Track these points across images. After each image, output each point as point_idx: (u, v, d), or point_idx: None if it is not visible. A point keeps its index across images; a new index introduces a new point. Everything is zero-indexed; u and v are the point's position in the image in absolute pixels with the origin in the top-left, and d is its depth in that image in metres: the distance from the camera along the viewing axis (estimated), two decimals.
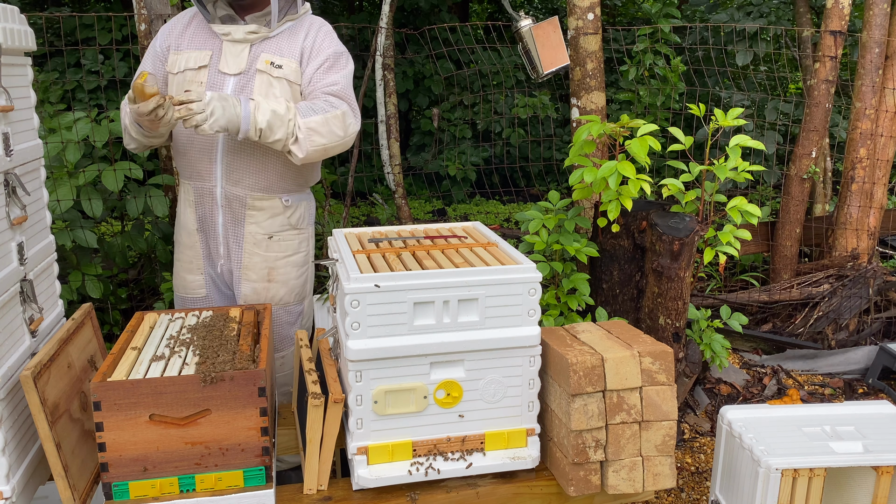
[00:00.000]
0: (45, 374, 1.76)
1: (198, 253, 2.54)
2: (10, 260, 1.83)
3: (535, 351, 1.93)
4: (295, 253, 2.56)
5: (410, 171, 7.54)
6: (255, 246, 2.48)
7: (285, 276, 2.54)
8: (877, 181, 4.24)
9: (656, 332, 2.92)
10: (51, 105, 3.93)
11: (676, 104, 5.46)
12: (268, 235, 2.48)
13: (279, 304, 2.55)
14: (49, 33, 6.55)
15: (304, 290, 2.64)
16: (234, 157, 2.40)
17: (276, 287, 2.53)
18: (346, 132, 2.34)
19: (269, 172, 2.43)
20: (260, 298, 2.53)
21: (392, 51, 4.46)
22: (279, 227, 2.50)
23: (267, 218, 2.47)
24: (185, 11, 2.50)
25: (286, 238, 2.52)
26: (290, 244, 2.54)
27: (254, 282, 2.50)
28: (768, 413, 2.22)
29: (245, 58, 2.35)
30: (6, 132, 1.83)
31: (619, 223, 2.91)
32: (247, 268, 2.49)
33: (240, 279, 2.51)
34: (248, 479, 1.80)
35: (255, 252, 2.49)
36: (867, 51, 4.12)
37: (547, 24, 3.59)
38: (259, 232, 2.48)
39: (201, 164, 2.42)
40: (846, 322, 4.00)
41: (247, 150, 2.40)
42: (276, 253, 2.51)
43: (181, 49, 2.40)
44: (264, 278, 2.51)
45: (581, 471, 1.88)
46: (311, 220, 2.65)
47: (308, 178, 2.58)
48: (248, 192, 2.43)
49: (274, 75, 2.34)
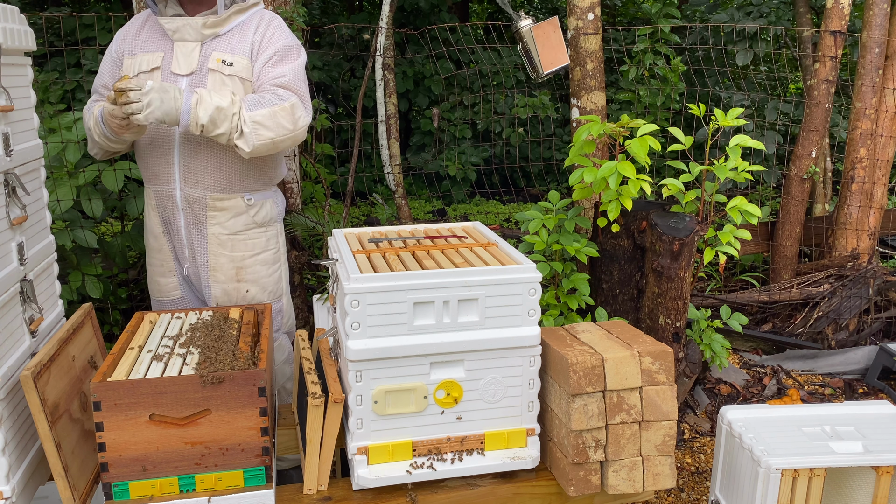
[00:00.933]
0: (45, 374, 1.76)
1: (167, 255, 2.53)
2: (10, 260, 1.83)
3: (535, 351, 1.93)
4: (263, 251, 2.52)
5: (410, 171, 7.53)
6: (220, 247, 2.46)
7: (255, 275, 2.51)
8: (877, 181, 4.24)
9: (656, 332, 2.92)
10: (51, 105, 3.93)
11: (676, 104, 5.46)
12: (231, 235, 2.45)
13: (251, 302, 2.52)
14: (49, 33, 6.55)
15: (279, 288, 2.61)
16: (191, 159, 2.37)
17: (246, 286, 2.50)
18: (296, 125, 2.29)
19: (227, 171, 2.40)
20: (231, 299, 2.50)
21: (392, 51, 4.46)
22: (243, 227, 2.47)
23: (229, 218, 2.44)
24: (139, 15, 2.48)
25: (252, 237, 2.49)
26: (258, 242, 2.50)
27: (223, 283, 2.48)
28: (768, 413, 2.22)
29: (196, 57, 2.34)
30: (6, 132, 1.83)
31: (619, 223, 2.91)
32: (214, 269, 2.47)
33: (209, 282, 2.48)
34: (248, 479, 1.80)
35: (221, 253, 2.46)
36: (867, 51, 4.12)
37: (547, 24, 3.58)
38: (222, 232, 2.45)
39: (159, 166, 2.41)
40: (846, 322, 4.00)
41: (203, 150, 2.37)
42: (243, 252, 2.48)
43: (135, 53, 2.39)
44: (233, 278, 2.48)
45: (581, 471, 1.88)
46: (280, 217, 2.61)
47: (272, 176, 2.55)
48: (208, 193, 2.41)
49: (226, 73, 2.32)
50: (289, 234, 3.69)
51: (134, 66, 2.37)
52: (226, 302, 2.50)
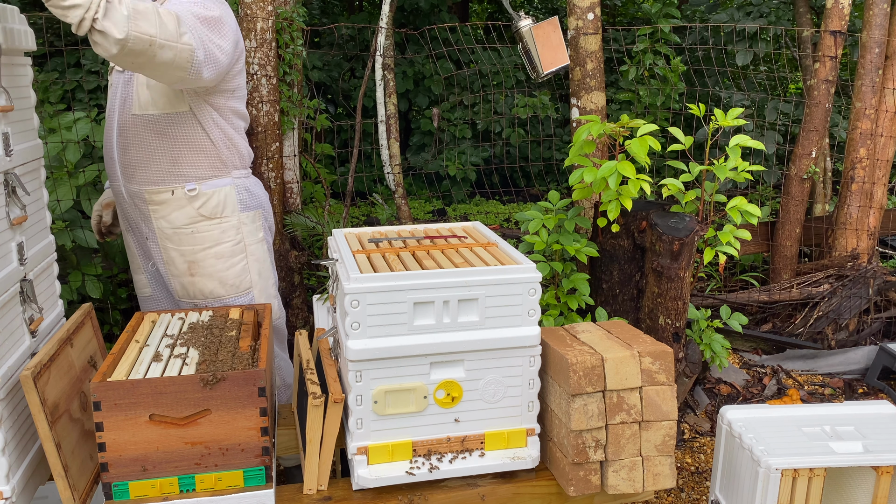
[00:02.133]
0: (45, 374, 1.75)
1: (134, 253, 2.54)
2: (10, 260, 1.83)
3: (535, 351, 1.93)
4: (216, 244, 2.38)
5: (410, 171, 7.53)
6: (168, 241, 2.38)
7: (210, 269, 2.39)
8: (877, 181, 4.24)
9: (656, 332, 2.92)
10: (51, 105, 3.93)
11: (676, 104, 5.46)
12: (176, 229, 2.36)
13: (211, 297, 2.42)
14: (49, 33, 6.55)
15: (243, 282, 2.46)
16: (125, 153, 2.33)
17: (202, 281, 2.39)
18: (180, 37, 1.93)
19: (159, 163, 2.30)
20: (189, 294, 2.42)
21: (392, 51, 4.46)
22: (188, 220, 2.34)
23: (171, 211, 2.34)
24: None
25: (201, 230, 2.36)
26: (208, 235, 2.37)
27: (178, 276, 2.41)
28: (768, 413, 2.22)
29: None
30: (6, 132, 1.83)
31: (619, 223, 2.91)
32: (168, 263, 2.40)
33: (167, 275, 2.45)
34: (248, 479, 1.80)
35: (169, 247, 2.38)
36: (867, 51, 4.12)
37: (547, 24, 3.58)
38: (167, 227, 2.36)
39: (108, 164, 2.42)
40: (846, 322, 4.00)
41: (133, 141, 2.29)
42: (192, 246, 2.36)
43: None
44: (186, 272, 2.39)
45: (581, 471, 1.88)
46: (241, 207, 2.44)
47: (225, 160, 2.39)
48: (143, 187, 2.33)
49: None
50: (289, 234, 3.69)
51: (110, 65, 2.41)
52: (184, 296, 2.42)
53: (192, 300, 2.44)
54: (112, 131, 2.38)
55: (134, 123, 2.28)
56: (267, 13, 3.36)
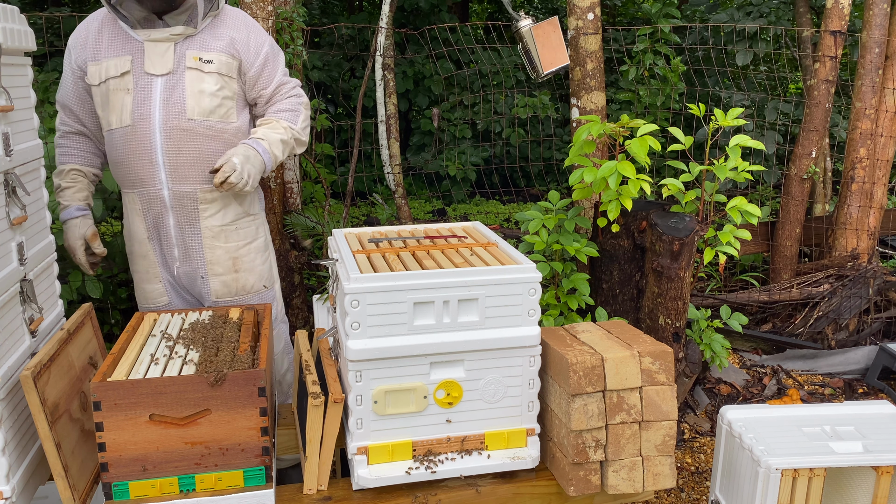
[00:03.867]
0: (45, 374, 1.76)
1: (152, 262, 2.51)
2: (10, 260, 1.83)
3: (535, 351, 1.93)
4: (254, 239, 2.56)
5: (410, 171, 7.53)
6: (215, 239, 2.47)
7: (251, 264, 2.54)
8: (877, 181, 4.24)
9: (656, 332, 2.92)
10: (51, 105, 3.92)
11: (676, 104, 5.46)
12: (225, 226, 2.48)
13: (251, 292, 2.56)
14: (49, 33, 6.55)
15: (272, 275, 2.66)
16: (175, 156, 2.36)
17: (244, 276, 2.53)
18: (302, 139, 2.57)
19: (213, 163, 2.39)
20: (230, 291, 2.52)
21: (392, 51, 4.46)
22: (234, 217, 2.50)
23: (220, 209, 2.46)
24: (89, 20, 2.44)
25: (243, 226, 2.52)
26: (249, 231, 2.54)
27: (221, 275, 2.50)
28: (768, 413, 2.22)
29: (171, 57, 2.34)
30: (6, 132, 1.83)
31: (619, 223, 2.91)
32: (211, 263, 2.48)
33: (207, 276, 2.49)
34: (248, 479, 1.80)
35: (216, 245, 2.47)
36: (867, 51, 4.12)
37: (547, 24, 3.59)
38: (216, 224, 2.46)
39: (143, 170, 2.39)
40: (846, 322, 4.00)
41: (186, 145, 2.37)
42: (237, 242, 2.51)
43: (99, 59, 2.36)
44: (231, 269, 2.50)
45: (581, 471, 1.88)
46: (263, 205, 2.68)
47: None
48: (197, 187, 2.41)
49: (205, 70, 2.34)
50: (289, 234, 3.69)
51: (100, 73, 2.35)
52: (225, 294, 2.51)
53: (234, 297, 2.54)
54: (152, 136, 2.35)
55: (189, 128, 2.35)
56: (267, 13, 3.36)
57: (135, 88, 2.33)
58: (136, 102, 2.33)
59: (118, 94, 2.34)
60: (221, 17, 2.43)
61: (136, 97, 2.33)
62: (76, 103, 2.45)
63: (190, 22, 2.35)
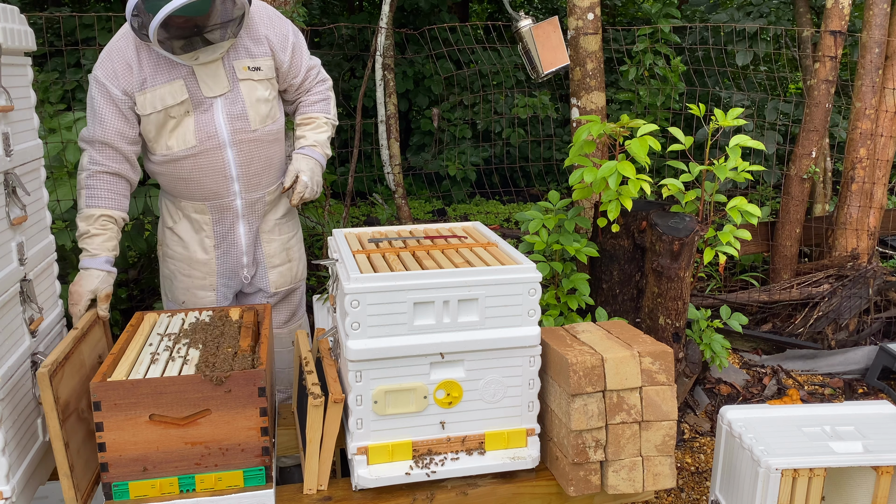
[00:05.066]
0: (60, 373, 1.76)
1: (213, 269, 2.51)
2: (10, 260, 1.83)
3: (535, 351, 1.93)
4: (298, 230, 2.70)
5: (410, 171, 7.53)
6: (270, 233, 2.57)
7: (299, 253, 2.69)
8: (877, 181, 4.24)
9: (656, 332, 2.92)
10: (51, 105, 3.92)
11: (676, 104, 5.46)
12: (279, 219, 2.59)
13: (299, 279, 2.69)
14: (49, 33, 6.55)
15: (307, 266, 2.81)
16: (248, 167, 2.42)
17: (296, 265, 2.67)
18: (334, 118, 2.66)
19: (278, 164, 2.54)
20: (286, 280, 2.63)
21: (392, 51, 4.46)
22: (285, 210, 2.61)
23: (277, 205, 2.60)
24: (120, 47, 2.26)
25: (291, 218, 2.65)
26: (294, 223, 2.68)
27: (278, 266, 2.60)
28: (768, 413, 2.22)
29: (223, 74, 2.31)
30: (6, 132, 1.83)
31: (619, 223, 2.91)
32: (269, 256, 2.58)
33: (266, 270, 2.58)
34: (248, 479, 1.80)
35: (272, 238, 2.57)
36: (867, 51, 4.12)
37: (547, 24, 3.59)
38: (273, 219, 2.57)
39: (216, 184, 2.40)
40: (846, 322, 4.00)
41: (256, 155, 2.43)
42: (288, 234, 2.63)
43: (146, 87, 2.25)
44: (286, 260, 2.62)
45: (581, 471, 1.88)
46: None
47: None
48: (266, 191, 2.52)
49: (256, 79, 2.36)
50: None
51: (153, 103, 2.25)
52: (282, 284, 2.62)
53: (288, 286, 2.65)
54: (223, 152, 2.34)
55: (255, 138, 2.41)
56: None
57: (195, 111, 2.30)
58: (199, 124, 2.31)
59: (180, 119, 2.29)
60: (251, 13, 2.37)
61: (198, 119, 2.31)
62: (117, 138, 2.28)
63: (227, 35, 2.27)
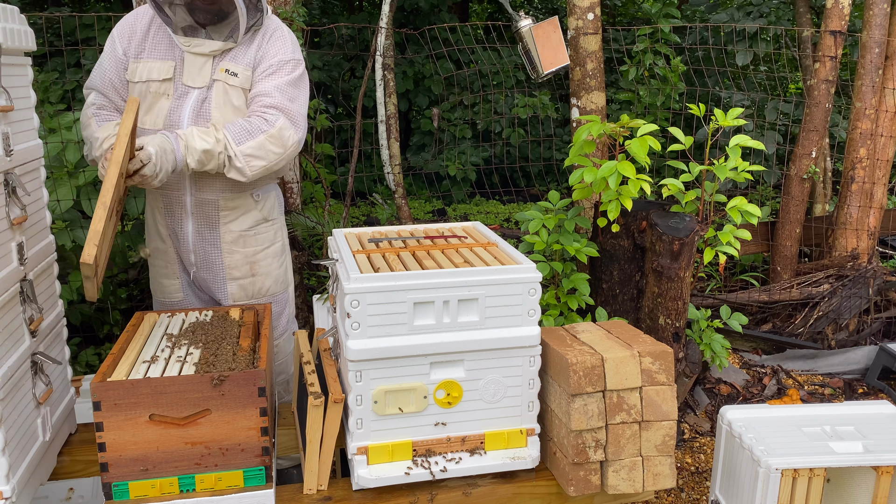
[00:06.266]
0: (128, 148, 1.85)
1: (172, 258, 2.53)
2: (10, 260, 1.83)
3: (535, 351, 1.93)
4: (272, 244, 2.58)
5: (410, 171, 7.53)
6: (233, 244, 2.50)
7: (267, 268, 2.57)
8: (877, 181, 4.24)
9: (656, 332, 2.92)
10: (51, 105, 3.92)
11: (676, 104, 5.46)
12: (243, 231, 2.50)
13: (266, 294, 2.59)
14: (49, 33, 6.55)
15: (287, 278, 2.69)
16: None
17: (261, 280, 2.56)
18: (286, 148, 2.33)
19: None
20: (247, 294, 2.55)
21: (392, 51, 4.46)
22: (253, 223, 2.52)
23: (240, 215, 2.49)
24: (140, 13, 2.43)
25: (262, 231, 2.55)
26: (267, 236, 2.56)
27: (238, 279, 2.53)
28: (768, 413, 2.22)
29: (208, 71, 2.35)
30: (6, 132, 1.83)
31: (619, 223, 2.91)
32: (230, 267, 2.51)
33: (224, 281, 2.52)
34: (248, 479, 1.80)
35: (235, 250, 2.50)
36: (867, 51, 4.12)
37: (547, 24, 3.59)
38: (235, 230, 2.49)
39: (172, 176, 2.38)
40: (846, 322, 4.01)
41: None
42: (255, 247, 2.53)
43: (141, 58, 2.37)
44: (248, 273, 2.54)
45: (581, 471, 1.88)
46: (282, 210, 2.68)
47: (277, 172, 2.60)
48: (220, 195, 2.44)
49: (230, 83, 2.34)
50: (289, 234, 3.69)
51: (141, 73, 2.35)
52: (242, 297, 2.55)
53: (250, 300, 2.56)
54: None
55: None
56: None
57: (173, 96, 2.34)
58: (171, 110, 2.34)
59: (157, 98, 2.35)
60: (262, 30, 2.41)
61: (173, 104, 2.34)
62: (111, 90, 2.40)
63: (231, 37, 2.34)
